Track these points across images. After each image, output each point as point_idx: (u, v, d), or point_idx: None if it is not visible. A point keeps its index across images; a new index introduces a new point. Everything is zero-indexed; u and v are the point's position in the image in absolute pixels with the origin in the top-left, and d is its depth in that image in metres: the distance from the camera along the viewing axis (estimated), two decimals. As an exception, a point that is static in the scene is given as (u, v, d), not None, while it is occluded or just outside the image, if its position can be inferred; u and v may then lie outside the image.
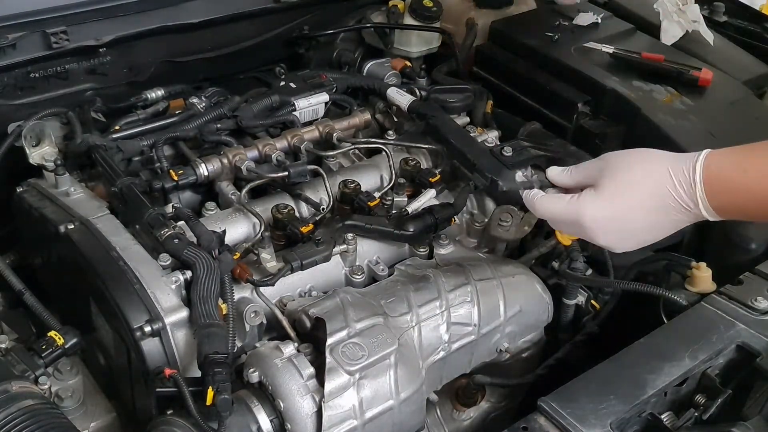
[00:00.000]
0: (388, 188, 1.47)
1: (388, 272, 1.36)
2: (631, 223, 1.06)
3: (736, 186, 0.99)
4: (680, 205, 1.02)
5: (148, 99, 1.64)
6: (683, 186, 1.01)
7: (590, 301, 1.42)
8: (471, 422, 1.50)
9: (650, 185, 1.04)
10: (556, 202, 1.12)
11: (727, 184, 1.00)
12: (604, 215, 1.07)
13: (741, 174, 0.99)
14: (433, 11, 1.87)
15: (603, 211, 1.07)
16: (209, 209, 1.39)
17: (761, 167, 0.98)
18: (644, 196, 1.04)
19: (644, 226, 1.07)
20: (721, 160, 1.01)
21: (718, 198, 1.00)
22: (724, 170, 1.00)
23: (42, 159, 1.43)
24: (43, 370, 1.17)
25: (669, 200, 1.02)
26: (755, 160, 0.99)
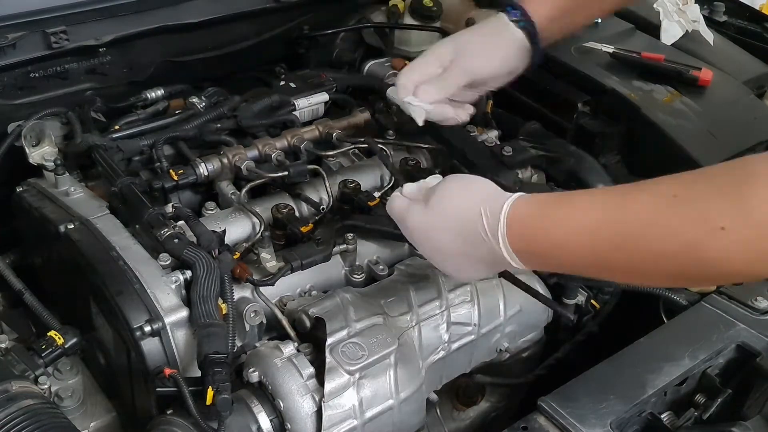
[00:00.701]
0: (388, 188, 1.47)
1: (388, 272, 1.36)
2: (441, 239, 1.09)
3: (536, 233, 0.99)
4: (484, 240, 1.02)
5: (148, 99, 1.63)
6: (489, 220, 1.02)
7: (590, 300, 1.42)
8: (471, 422, 1.50)
9: (463, 211, 1.06)
10: (398, 204, 1.16)
11: (528, 231, 1.00)
12: (421, 225, 1.11)
13: (536, 222, 0.99)
14: (433, 11, 1.87)
15: (420, 218, 1.11)
16: (209, 209, 1.39)
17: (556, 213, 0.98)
18: (454, 221, 1.06)
19: (454, 249, 1.08)
20: (529, 203, 1.01)
21: (516, 238, 1.00)
22: (526, 213, 1.00)
23: (42, 159, 1.43)
24: (42, 370, 1.17)
25: (475, 230, 1.03)
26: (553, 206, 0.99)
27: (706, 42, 1.85)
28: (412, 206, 1.13)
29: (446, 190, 1.11)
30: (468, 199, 1.07)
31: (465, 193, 1.08)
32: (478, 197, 1.05)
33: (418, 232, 1.12)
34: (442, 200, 1.10)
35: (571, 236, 0.96)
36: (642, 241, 0.89)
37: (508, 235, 1.00)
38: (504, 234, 1.00)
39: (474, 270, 1.10)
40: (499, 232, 1.01)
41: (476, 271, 1.10)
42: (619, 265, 0.95)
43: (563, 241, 0.97)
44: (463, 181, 1.12)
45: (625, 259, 0.92)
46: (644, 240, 0.89)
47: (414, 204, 1.13)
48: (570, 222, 0.96)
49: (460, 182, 1.12)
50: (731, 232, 0.83)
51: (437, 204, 1.10)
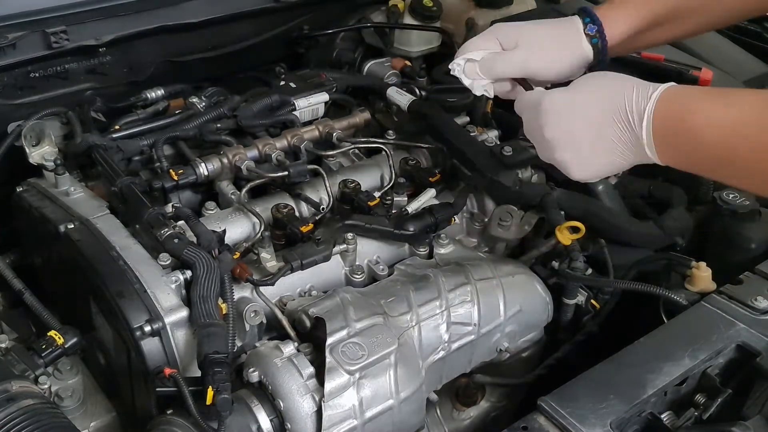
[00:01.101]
0: (388, 188, 1.47)
1: (388, 272, 1.36)
2: (578, 116, 1.08)
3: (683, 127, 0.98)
4: (628, 116, 1.02)
5: (148, 99, 1.63)
6: (638, 96, 1.01)
7: (590, 300, 1.42)
8: (471, 422, 1.50)
9: (611, 85, 1.06)
10: (534, 93, 1.16)
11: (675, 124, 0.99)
12: (559, 101, 1.10)
13: (685, 115, 0.98)
14: (433, 11, 1.87)
15: (560, 97, 1.10)
16: (209, 209, 1.39)
17: (705, 106, 0.97)
18: (601, 93, 1.06)
19: (587, 129, 1.07)
20: (679, 91, 1.01)
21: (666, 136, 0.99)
22: (672, 110, 0.99)
23: (42, 158, 1.43)
24: (43, 370, 1.17)
25: (620, 103, 1.03)
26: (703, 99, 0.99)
27: (706, 41, 1.85)
28: (553, 91, 1.12)
29: (594, 76, 1.11)
30: (619, 80, 1.07)
31: (615, 76, 1.08)
32: (629, 80, 1.05)
33: (553, 113, 1.09)
34: (589, 83, 1.10)
35: (713, 128, 0.95)
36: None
37: (654, 116, 0.99)
38: (651, 113, 0.99)
39: (598, 158, 1.08)
40: (645, 112, 1.00)
41: (600, 160, 1.08)
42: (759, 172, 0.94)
43: (710, 133, 0.95)
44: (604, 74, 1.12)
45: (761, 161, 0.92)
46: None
47: (554, 89, 1.12)
48: (722, 114, 0.95)
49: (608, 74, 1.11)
50: None
51: (582, 85, 1.11)
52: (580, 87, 1.11)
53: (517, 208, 1.47)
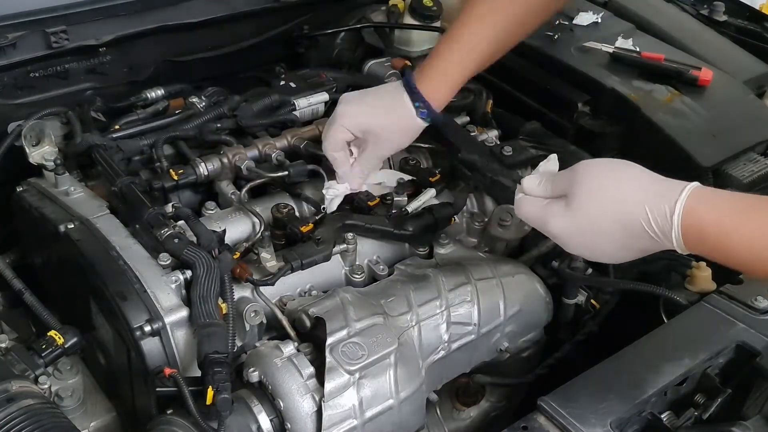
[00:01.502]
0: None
1: (388, 272, 1.36)
2: (599, 243, 1.05)
3: (714, 246, 0.97)
4: (652, 237, 0.99)
5: (148, 98, 1.63)
6: (658, 223, 0.97)
7: (590, 300, 1.42)
8: (471, 421, 1.50)
9: (622, 212, 1.00)
10: (531, 207, 1.11)
11: (707, 243, 0.97)
12: (570, 228, 1.06)
13: (724, 236, 0.95)
14: (433, 11, 1.87)
15: (569, 224, 1.05)
16: (209, 209, 1.39)
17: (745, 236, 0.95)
18: (613, 222, 1.01)
19: (612, 248, 1.05)
20: (704, 214, 0.96)
21: (695, 244, 0.97)
22: (705, 227, 0.96)
23: (42, 158, 1.43)
24: (43, 370, 1.17)
25: (640, 231, 0.99)
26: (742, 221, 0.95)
27: (706, 41, 1.85)
28: (551, 209, 1.06)
29: (592, 186, 1.03)
30: (625, 197, 1.00)
31: (619, 190, 1.01)
32: (638, 193, 0.99)
33: (566, 237, 1.06)
34: (591, 200, 1.02)
35: (757, 251, 0.94)
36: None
37: (683, 237, 0.96)
38: (679, 237, 0.96)
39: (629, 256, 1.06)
40: (673, 235, 0.97)
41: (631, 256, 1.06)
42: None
43: (748, 254, 0.95)
44: (611, 174, 1.04)
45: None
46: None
47: (552, 206, 1.07)
48: (757, 240, 0.94)
49: (607, 175, 1.04)
50: None
51: (585, 205, 1.03)
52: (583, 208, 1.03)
53: (517, 207, 1.47)
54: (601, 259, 1.10)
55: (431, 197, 1.45)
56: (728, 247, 0.95)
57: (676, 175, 1.04)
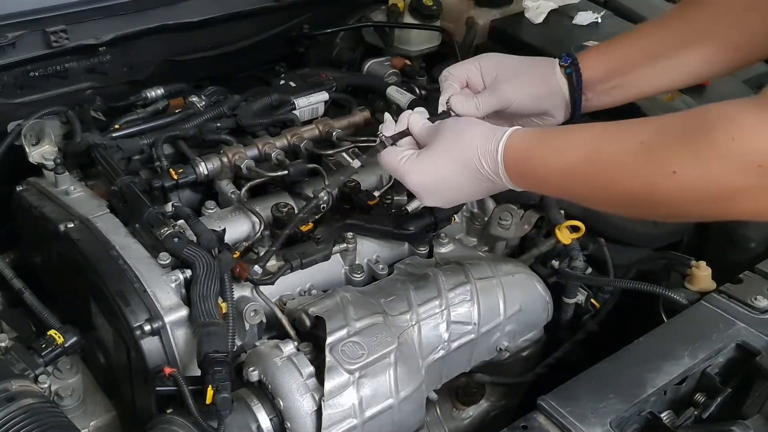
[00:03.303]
0: (388, 187, 1.47)
1: (387, 271, 1.36)
2: (445, 190, 1.16)
3: (524, 169, 1.09)
4: (486, 177, 1.11)
5: (147, 98, 1.63)
6: (488, 161, 1.10)
7: (590, 299, 1.42)
8: (471, 421, 1.50)
9: (460, 156, 1.12)
10: (392, 157, 1.18)
11: (521, 165, 1.09)
12: (420, 179, 1.16)
13: (526, 161, 1.08)
14: (433, 10, 1.87)
15: (419, 175, 1.15)
16: (209, 208, 1.39)
17: (544, 152, 1.07)
18: (454, 166, 1.13)
19: (457, 192, 1.17)
20: (517, 143, 1.09)
21: (515, 175, 1.09)
22: (516, 155, 1.09)
23: (42, 158, 1.43)
24: (42, 369, 1.17)
25: (476, 171, 1.11)
26: (541, 145, 1.08)
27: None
28: (407, 162, 1.16)
29: (443, 139, 1.14)
30: (465, 143, 1.12)
31: (462, 138, 1.13)
32: (474, 140, 1.12)
33: (417, 188, 1.16)
34: (437, 152, 1.14)
35: (556, 175, 1.06)
36: (612, 183, 1.01)
37: (507, 173, 1.09)
38: (504, 173, 1.09)
39: (472, 198, 1.27)
40: (500, 171, 1.09)
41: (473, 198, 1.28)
42: (594, 201, 1.10)
43: (550, 178, 1.08)
44: (458, 127, 1.15)
45: (599, 196, 1.06)
46: (614, 182, 1.01)
47: (408, 159, 1.16)
48: (555, 162, 1.06)
49: (455, 129, 1.15)
50: (682, 176, 0.93)
51: (431, 156, 1.15)
52: (431, 158, 1.15)
53: (517, 207, 1.47)
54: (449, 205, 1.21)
55: (431, 196, 1.45)
56: (535, 172, 1.08)
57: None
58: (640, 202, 1.00)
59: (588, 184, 1.05)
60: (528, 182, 1.11)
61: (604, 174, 1.02)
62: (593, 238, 1.43)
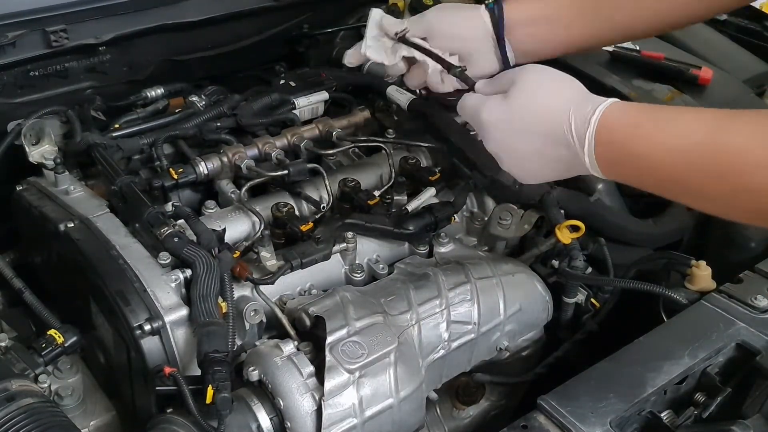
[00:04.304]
0: (388, 187, 1.47)
1: (387, 271, 1.36)
2: (521, 141, 1.07)
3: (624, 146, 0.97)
4: (569, 142, 1.01)
5: (147, 97, 1.63)
6: (577, 126, 1.00)
7: (590, 299, 1.42)
8: (471, 420, 1.50)
9: (549, 109, 1.04)
10: (471, 100, 1.15)
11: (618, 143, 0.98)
12: (497, 115, 1.08)
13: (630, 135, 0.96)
14: (433, 9, 1.87)
15: (498, 110, 1.08)
16: (209, 208, 1.39)
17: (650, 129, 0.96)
18: (539, 117, 1.05)
19: (528, 148, 1.07)
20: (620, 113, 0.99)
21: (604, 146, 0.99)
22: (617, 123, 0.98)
23: (41, 157, 1.43)
24: (42, 369, 1.17)
25: (560, 131, 1.02)
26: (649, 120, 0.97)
27: (707, 40, 1.85)
28: (489, 100, 1.10)
29: (531, 84, 1.07)
30: (556, 98, 1.04)
31: (552, 91, 1.05)
32: (567, 96, 1.03)
33: (492, 128, 1.09)
34: (526, 95, 1.06)
35: (665, 156, 0.93)
36: (741, 175, 0.87)
37: (596, 141, 0.98)
38: (592, 138, 0.98)
39: (542, 171, 1.08)
40: (586, 137, 0.98)
41: (545, 173, 1.08)
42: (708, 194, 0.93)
43: (654, 160, 0.94)
44: (549, 77, 1.08)
45: (717, 188, 0.90)
46: (742, 173, 0.87)
47: (491, 98, 1.10)
48: (667, 140, 0.93)
49: (546, 77, 1.08)
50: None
51: (519, 99, 1.07)
52: (517, 101, 1.07)
53: (517, 207, 1.47)
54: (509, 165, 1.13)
55: (431, 196, 1.45)
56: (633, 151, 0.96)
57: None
58: None
59: (705, 175, 0.90)
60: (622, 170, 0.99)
61: (729, 163, 0.88)
62: (593, 237, 1.43)
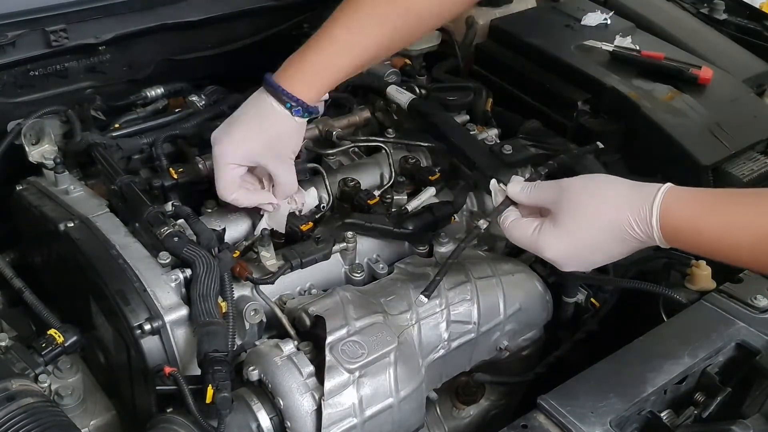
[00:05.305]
0: (388, 186, 1.47)
1: (387, 270, 1.36)
2: (591, 255, 1.11)
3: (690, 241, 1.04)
4: (637, 240, 1.07)
5: (147, 97, 1.63)
6: (640, 226, 1.05)
7: (590, 299, 1.42)
8: (471, 420, 1.50)
9: (607, 222, 1.07)
10: (520, 232, 1.15)
11: (682, 237, 1.04)
12: (564, 251, 1.11)
13: (696, 235, 1.03)
14: (432, 9, 1.86)
15: (563, 247, 1.11)
16: (209, 207, 1.39)
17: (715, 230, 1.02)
18: (602, 232, 1.08)
19: (603, 256, 1.12)
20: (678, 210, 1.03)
21: (674, 241, 1.05)
22: (679, 223, 1.03)
23: (41, 157, 1.43)
24: (42, 368, 1.17)
25: (626, 235, 1.07)
26: (711, 219, 1.02)
27: (706, 40, 1.85)
28: (543, 234, 1.11)
29: (577, 203, 1.09)
30: (608, 209, 1.07)
31: (601, 203, 1.08)
32: (618, 203, 1.06)
33: (561, 256, 1.12)
34: (577, 217, 1.08)
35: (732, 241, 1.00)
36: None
37: (663, 235, 1.04)
38: (660, 236, 1.04)
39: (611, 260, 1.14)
40: (654, 235, 1.04)
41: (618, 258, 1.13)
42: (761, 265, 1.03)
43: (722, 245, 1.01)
44: (592, 188, 1.10)
45: None
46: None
47: (544, 231, 1.11)
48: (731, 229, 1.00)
49: (589, 190, 1.09)
50: None
51: (573, 223, 1.09)
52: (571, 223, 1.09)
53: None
54: (590, 268, 1.17)
55: (431, 196, 1.45)
56: (699, 242, 1.04)
57: (676, 173, 1.05)
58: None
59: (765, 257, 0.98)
60: (689, 247, 1.06)
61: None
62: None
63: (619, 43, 1.75)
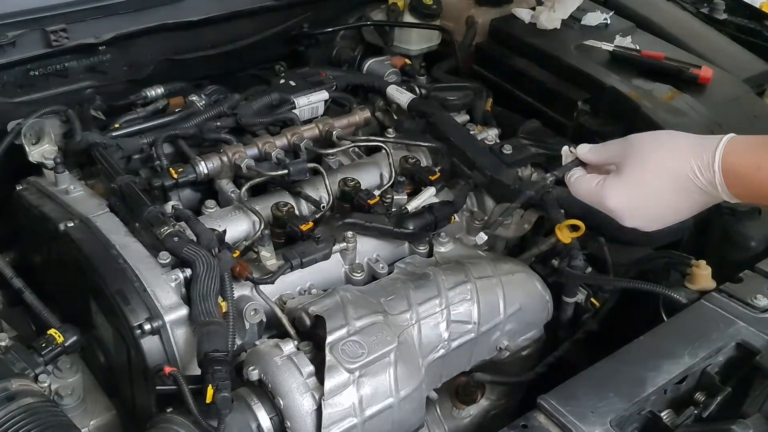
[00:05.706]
0: (388, 186, 1.48)
1: (387, 270, 1.36)
2: (654, 207, 1.09)
3: (750, 180, 1.02)
4: (700, 189, 1.05)
5: (147, 97, 1.64)
6: (703, 172, 1.04)
7: (590, 298, 1.42)
8: (471, 420, 1.50)
9: (671, 170, 1.06)
10: (585, 185, 1.14)
11: (742, 178, 1.02)
12: (626, 201, 1.10)
13: (755, 170, 1.01)
14: (432, 9, 1.87)
15: (625, 197, 1.10)
16: (209, 207, 1.39)
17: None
18: (665, 182, 1.07)
19: (667, 209, 1.10)
20: (740, 152, 1.03)
21: (734, 186, 1.03)
22: (740, 164, 1.02)
23: (42, 157, 1.43)
24: (42, 368, 1.17)
25: (690, 184, 1.05)
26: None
27: (706, 40, 1.85)
28: (607, 187, 1.10)
29: (642, 155, 1.08)
30: (672, 159, 1.06)
31: (668, 151, 1.07)
32: (683, 151, 1.06)
33: (625, 208, 1.10)
34: (642, 168, 1.08)
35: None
36: None
37: (726, 184, 1.03)
38: (722, 183, 1.03)
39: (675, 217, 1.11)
40: (717, 182, 1.03)
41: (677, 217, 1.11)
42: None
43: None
44: (657, 141, 1.10)
45: None
46: None
47: (608, 184, 1.11)
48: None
49: (654, 143, 1.09)
50: None
51: (638, 173, 1.08)
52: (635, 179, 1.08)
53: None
54: (653, 227, 1.13)
55: (431, 196, 1.45)
56: (760, 181, 1.01)
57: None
58: None
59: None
60: (752, 193, 1.04)
61: None
62: (593, 237, 1.43)
63: (619, 42, 1.75)
